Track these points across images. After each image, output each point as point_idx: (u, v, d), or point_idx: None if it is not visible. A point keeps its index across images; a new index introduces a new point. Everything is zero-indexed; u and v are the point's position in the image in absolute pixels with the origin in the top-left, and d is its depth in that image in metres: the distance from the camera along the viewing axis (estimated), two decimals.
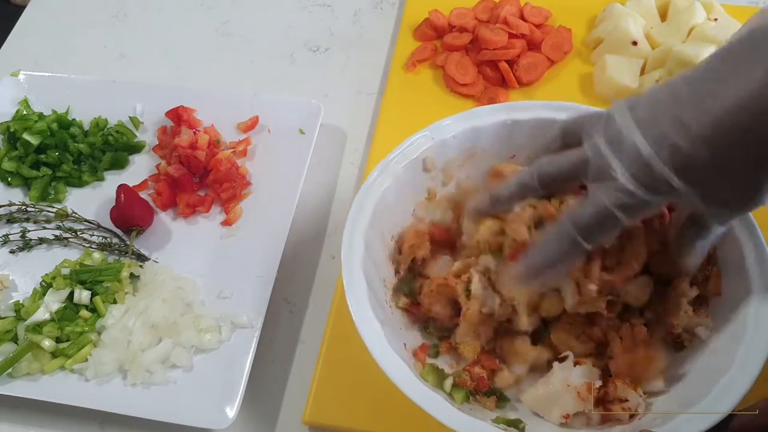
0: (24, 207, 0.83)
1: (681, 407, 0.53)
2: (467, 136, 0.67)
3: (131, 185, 0.83)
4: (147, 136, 0.90)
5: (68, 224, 0.82)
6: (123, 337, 0.71)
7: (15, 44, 1.04)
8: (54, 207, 0.83)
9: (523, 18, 0.93)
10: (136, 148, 0.89)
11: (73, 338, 0.71)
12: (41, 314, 0.72)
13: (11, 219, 0.82)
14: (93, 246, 0.80)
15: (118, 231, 0.81)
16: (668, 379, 0.59)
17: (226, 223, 0.81)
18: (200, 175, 0.85)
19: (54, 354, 0.71)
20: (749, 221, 0.59)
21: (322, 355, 0.71)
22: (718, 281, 0.61)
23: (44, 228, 0.82)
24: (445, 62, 0.91)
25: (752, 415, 0.50)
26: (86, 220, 0.82)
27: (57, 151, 0.86)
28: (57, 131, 0.87)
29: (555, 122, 0.65)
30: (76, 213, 0.83)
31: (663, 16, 0.93)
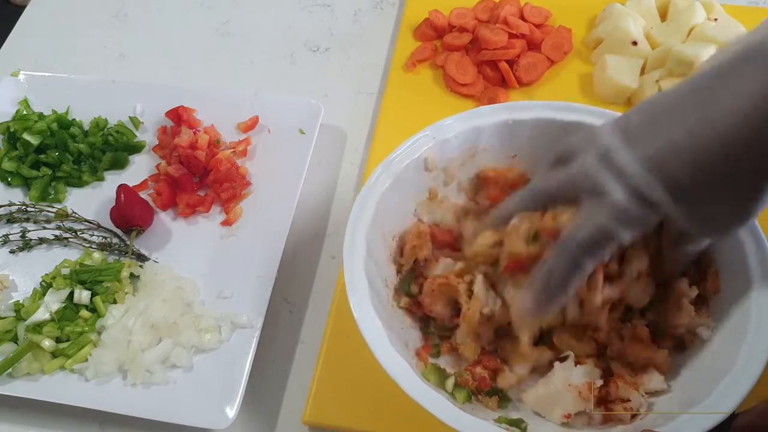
0: (24, 207, 0.83)
1: (683, 407, 0.53)
2: (469, 136, 0.67)
3: (131, 185, 0.83)
4: (147, 136, 0.90)
5: (68, 224, 0.82)
6: (123, 337, 0.71)
7: (15, 44, 1.04)
8: (54, 207, 0.83)
9: (523, 18, 0.93)
10: (136, 148, 0.89)
11: (73, 338, 0.71)
12: (41, 314, 0.72)
13: (11, 219, 0.82)
14: (93, 246, 0.80)
15: (118, 231, 0.81)
16: (670, 378, 0.59)
17: (226, 223, 0.81)
18: (200, 175, 0.85)
19: (54, 354, 0.71)
20: (752, 222, 0.58)
21: (322, 355, 0.71)
22: (717, 280, 0.61)
23: (44, 228, 0.82)
24: (445, 62, 0.91)
25: (754, 416, 0.50)
26: (86, 220, 0.82)
27: (57, 151, 0.86)
28: (57, 131, 0.87)
29: (556, 122, 0.65)
30: (76, 213, 0.83)
31: (663, 16, 0.93)
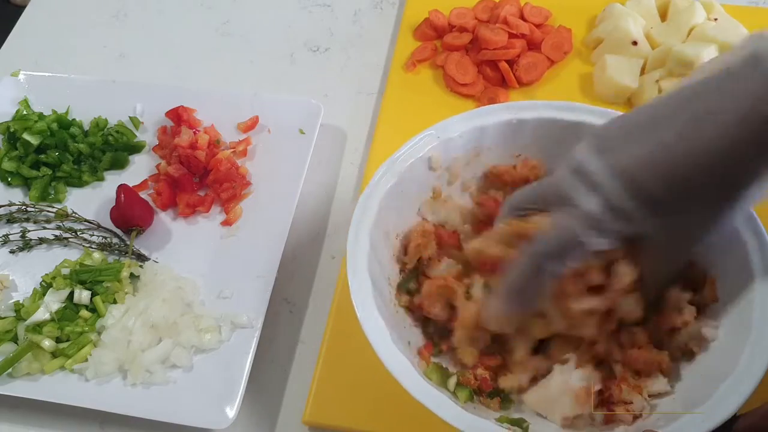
0: (24, 207, 0.83)
1: (686, 408, 0.52)
2: (473, 135, 0.67)
3: (131, 185, 0.83)
4: (147, 136, 0.90)
5: (68, 224, 0.82)
6: (123, 337, 0.71)
7: (15, 44, 1.04)
8: (54, 207, 0.83)
9: (523, 18, 0.93)
10: (136, 148, 0.89)
11: (73, 338, 0.71)
12: (41, 314, 0.72)
13: (11, 219, 0.82)
14: (93, 246, 0.80)
15: (118, 231, 0.81)
16: (673, 380, 0.58)
17: (226, 223, 0.81)
18: (200, 175, 0.85)
19: (54, 354, 0.71)
20: (754, 222, 0.58)
21: (322, 355, 0.70)
22: (713, 288, 0.61)
23: (44, 228, 0.82)
24: (445, 62, 0.91)
25: (757, 418, 0.50)
26: (86, 220, 0.82)
27: (57, 151, 0.86)
28: (57, 131, 0.87)
29: (559, 122, 0.65)
30: (76, 213, 0.83)
31: (663, 16, 0.93)
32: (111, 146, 0.87)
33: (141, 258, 0.79)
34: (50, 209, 0.82)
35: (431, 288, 0.62)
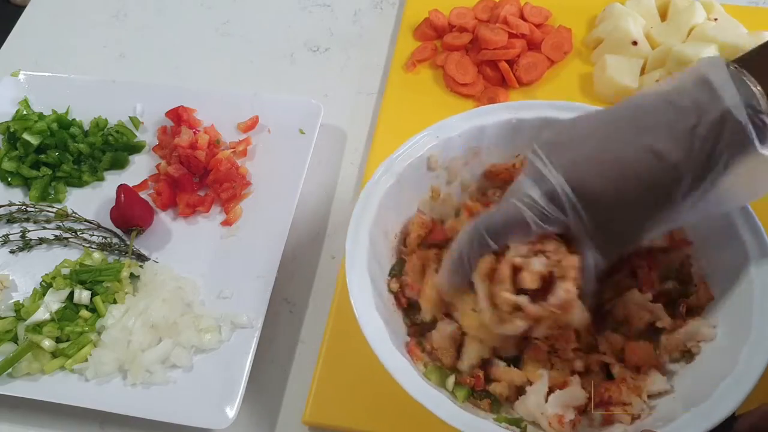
0: (24, 207, 0.83)
1: (686, 407, 0.53)
2: (472, 135, 0.67)
3: (131, 185, 0.83)
4: (147, 136, 0.90)
5: (68, 224, 0.82)
6: (123, 337, 0.71)
7: (15, 44, 1.04)
8: (54, 207, 0.83)
9: (523, 18, 0.93)
10: (136, 148, 0.89)
11: (73, 338, 0.71)
12: (41, 314, 0.72)
13: (11, 219, 0.82)
14: (93, 246, 0.80)
15: (118, 231, 0.81)
16: (672, 379, 0.59)
17: (226, 223, 0.81)
18: (200, 175, 0.85)
19: (54, 354, 0.71)
20: (753, 222, 0.59)
21: (322, 355, 0.70)
22: (707, 289, 0.62)
23: (44, 228, 0.82)
24: (445, 62, 0.91)
25: (756, 418, 0.50)
26: (86, 220, 0.82)
27: (57, 151, 0.86)
28: (57, 131, 0.87)
29: (558, 122, 0.65)
30: (76, 213, 0.83)
31: (663, 16, 0.93)
32: (111, 146, 0.87)
33: (141, 258, 0.79)
34: (50, 209, 0.82)
35: (414, 260, 0.64)
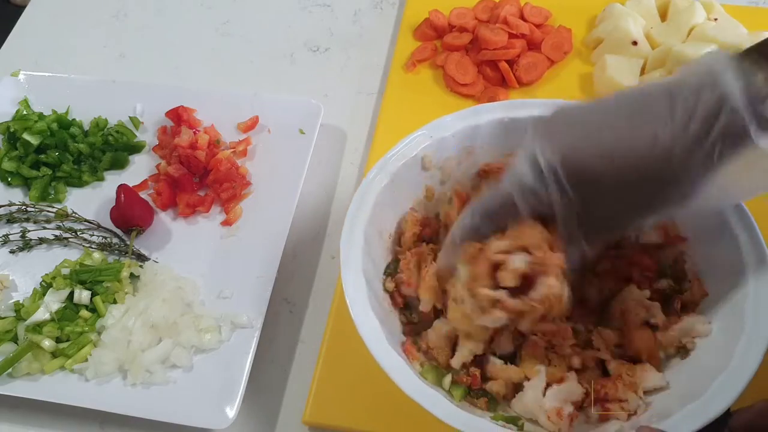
0: (24, 207, 0.83)
1: (682, 402, 0.53)
2: (466, 134, 0.67)
3: (131, 185, 0.83)
4: (147, 136, 0.90)
5: (68, 224, 0.82)
6: (123, 337, 0.71)
7: (15, 44, 1.04)
8: (54, 207, 0.83)
9: (523, 18, 0.93)
10: (136, 148, 0.89)
11: (73, 338, 0.71)
12: (41, 314, 0.72)
13: (11, 219, 0.82)
14: (93, 246, 0.80)
15: (118, 231, 0.81)
16: (668, 375, 0.59)
17: (226, 223, 0.81)
18: (200, 175, 0.85)
19: (54, 354, 0.71)
20: (747, 220, 0.59)
21: (322, 355, 0.71)
22: (701, 285, 0.62)
23: (44, 228, 0.82)
24: (445, 62, 0.91)
25: (752, 415, 0.50)
26: (86, 220, 0.82)
27: (57, 151, 0.86)
28: (57, 131, 0.87)
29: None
30: (76, 213, 0.83)
31: (663, 16, 0.93)
32: (111, 146, 0.87)
33: (141, 258, 0.79)
34: (50, 209, 0.82)
35: (409, 257, 0.64)
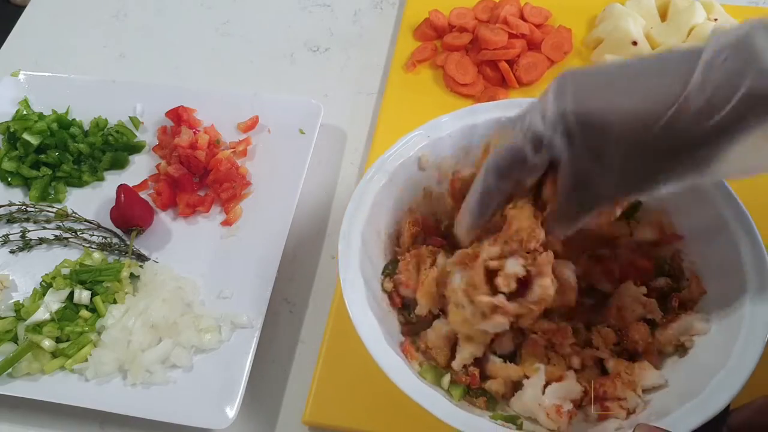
0: (24, 207, 0.83)
1: (680, 400, 0.53)
2: (463, 134, 0.67)
3: (131, 185, 0.83)
4: (147, 136, 0.90)
5: (68, 224, 0.82)
6: (123, 337, 0.71)
7: (15, 44, 1.04)
8: (54, 207, 0.83)
9: (523, 18, 0.93)
10: (136, 148, 0.89)
11: (73, 338, 0.71)
12: (41, 314, 0.72)
13: (11, 219, 0.82)
14: (93, 246, 0.80)
15: (118, 231, 0.81)
16: (666, 373, 0.59)
17: (226, 223, 0.81)
18: (200, 175, 0.85)
19: (54, 354, 0.71)
20: (745, 219, 0.59)
21: (322, 355, 0.71)
22: (699, 283, 0.62)
23: (44, 228, 0.82)
24: (445, 62, 0.91)
25: (752, 412, 0.50)
26: (86, 220, 0.82)
27: (57, 151, 0.86)
28: (57, 131, 0.87)
29: None
30: (76, 213, 0.83)
31: (663, 16, 0.93)
32: (111, 146, 0.87)
33: (141, 258, 0.79)
34: (50, 209, 0.82)
35: (408, 258, 0.64)
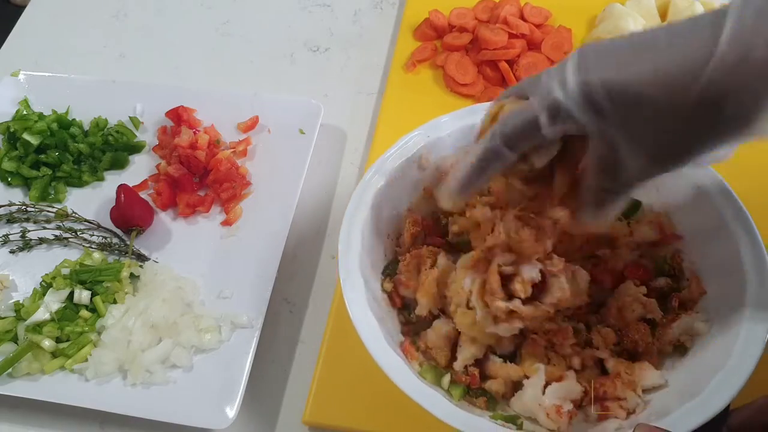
0: (24, 207, 0.83)
1: (680, 400, 0.53)
2: (462, 134, 0.67)
3: (131, 185, 0.83)
4: (147, 136, 0.90)
5: (68, 224, 0.82)
6: (123, 337, 0.71)
7: (15, 44, 1.04)
8: (54, 207, 0.83)
9: (523, 18, 0.93)
10: (136, 148, 0.89)
11: (73, 338, 0.71)
12: (41, 314, 0.72)
13: (11, 219, 0.82)
14: (93, 246, 0.80)
15: (118, 231, 0.81)
16: (666, 373, 0.59)
17: (226, 223, 0.81)
18: (200, 175, 0.85)
19: (54, 354, 0.71)
20: (745, 219, 0.59)
21: (322, 355, 0.71)
22: (699, 283, 0.62)
23: (44, 228, 0.82)
24: (445, 62, 0.91)
25: (753, 411, 0.50)
26: (86, 220, 0.82)
27: (57, 151, 0.86)
28: (57, 131, 0.87)
29: None
30: (76, 213, 0.83)
31: (663, 16, 0.93)
32: (111, 146, 0.87)
33: (141, 258, 0.79)
34: (50, 209, 0.82)
35: (407, 260, 0.64)
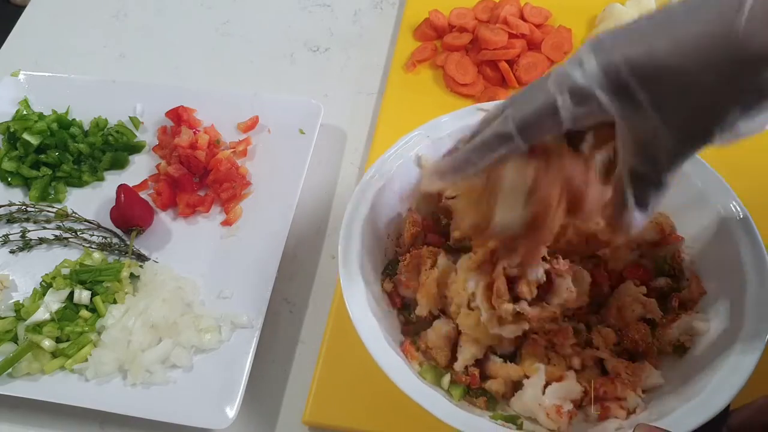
0: (24, 207, 0.83)
1: (680, 400, 0.53)
2: (462, 134, 0.67)
3: (131, 185, 0.83)
4: (147, 136, 0.90)
5: (68, 224, 0.82)
6: (123, 337, 0.71)
7: (15, 44, 1.04)
8: (54, 207, 0.83)
9: (523, 18, 0.93)
10: (136, 148, 0.89)
11: (73, 338, 0.71)
12: (41, 314, 0.72)
13: (11, 219, 0.82)
14: (93, 246, 0.80)
15: (118, 231, 0.81)
16: (666, 373, 0.59)
17: (226, 223, 0.81)
18: (200, 175, 0.85)
19: (54, 354, 0.71)
20: (745, 218, 0.59)
21: (322, 355, 0.71)
22: (699, 283, 0.62)
23: (44, 228, 0.82)
24: (445, 62, 0.91)
25: (753, 411, 0.50)
26: (86, 220, 0.82)
27: (57, 151, 0.86)
28: (57, 131, 0.87)
29: None
30: (76, 213, 0.83)
31: None
32: (111, 146, 0.87)
33: (141, 258, 0.79)
34: (50, 209, 0.82)
35: (407, 260, 0.64)
